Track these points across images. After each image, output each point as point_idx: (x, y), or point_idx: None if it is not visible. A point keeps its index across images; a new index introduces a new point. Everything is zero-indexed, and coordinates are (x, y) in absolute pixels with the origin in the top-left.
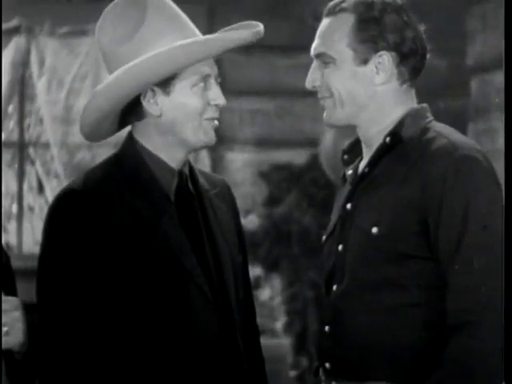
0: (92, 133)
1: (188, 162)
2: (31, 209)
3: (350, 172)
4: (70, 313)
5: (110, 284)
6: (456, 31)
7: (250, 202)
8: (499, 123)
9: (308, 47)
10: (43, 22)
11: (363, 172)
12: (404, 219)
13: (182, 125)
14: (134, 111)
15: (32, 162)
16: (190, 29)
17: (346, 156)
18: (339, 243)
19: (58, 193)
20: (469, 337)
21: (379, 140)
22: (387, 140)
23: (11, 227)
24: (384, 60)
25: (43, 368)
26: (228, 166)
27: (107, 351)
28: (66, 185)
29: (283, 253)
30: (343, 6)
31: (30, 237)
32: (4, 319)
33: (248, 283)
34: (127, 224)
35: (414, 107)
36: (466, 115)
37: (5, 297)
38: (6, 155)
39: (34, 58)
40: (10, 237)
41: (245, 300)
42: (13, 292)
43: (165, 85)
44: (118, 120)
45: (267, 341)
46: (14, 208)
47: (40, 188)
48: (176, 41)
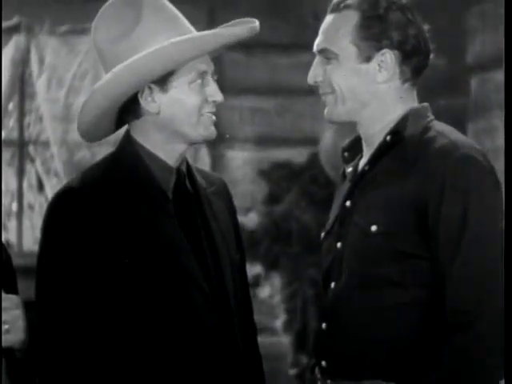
0: (89, 132)
1: (185, 160)
2: (31, 207)
3: (350, 170)
4: (69, 311)
5: (109, 282)
6: (456, 30)
7: (250, 200)
8: (499, 122)
9: (308, 46)
10: (43, 21)
11: (363, 170)
12: (403, 218)
13: (181, 121)
14: (132, 109)
15: (32, 160)
16: (186, 27)
17: (346, 153)
18: (338, 241)
19: (57, 192)
20: (467, 336)
21: (380, 138)
22: (388, 138)
23: (11, 225)
24: (387, 58)
25: (42, 366)
26: (228, 164)
27: (106, 349)
28: (65, 183)
29: (283, 251)
30: (348, 3)
31: (30, 235)
32: (4, 317)
33: (245, 281)
34: (125, 222)
35: (415, 106)
36: (466, 114)
37: (5, 295)
38: (6, 153)
39: (34, 57)
40: (10, 235)
41: (242, 298)
42: (13, 290)
43: (162, 82)
44: (115, 119)
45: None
46: (14, 206)
47: (40, 186)
48: (172, 38)
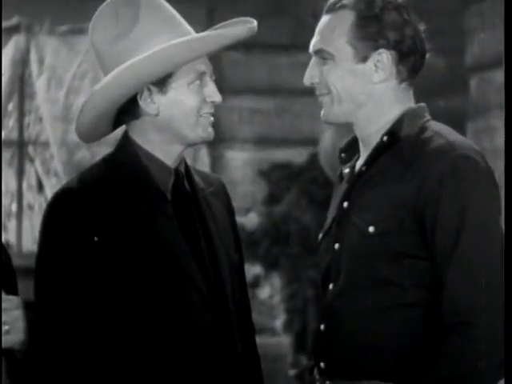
0: (87, 132)
1: (184, 161)
2: (31, 207)
3: (347, 170)
4: (68, 311)
5: (107, 283)
6: (455, 30)
7: (250, 201)
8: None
9: (308, 46)
10: (43, 21)
11: (360, 170)
12: (401, 218)
13: (180, 122)
14: (131, 110)
15: (31, 161)
16: (184, 27)
17: (344, 154)
18: (335, 242)
19: (55, 192)
20: (463, 337)
21: (376, 139)
22: (385, 139)
23: (11, 226)
24: (383, 58)
25: (41, 366)
26: (228, 165)
27: (105, 350)
28: (63, 184)
29: (283, 251)
30: (343, 3)
31: (30, 235)
32: (5, 318)
33: (244, 282)
34: (123, 224)
35: (412, 106)
36: (465, 114)
37: (6, 296)
38: (6, 154)
39: (34, 57)
40: (10, 235)
41: (241, 298)
42: (14, 291)
43: (161, 84)
44: (113, 120)
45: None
46: (14, 206)
47: (39, 186)
48: (170, 39)
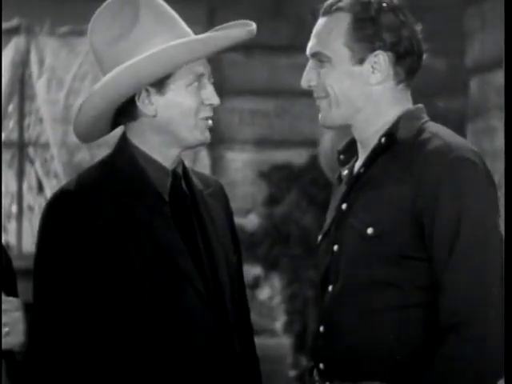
0: (85, 133)
1: (181, 162)
2: (31, 208)
3: (346, 172)
4: (66, 313)
5: (105, 284)
6: (455, 31)
7: (250, 202)
8: (498, 123)
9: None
10: (43, 22)
11: (358, 172)
12: (399, 220)
13: (178, 124)
14: (129, 111)
15: (32, 162)
16: (183, 28)
17: (342, 156)
18: (334, 243)
19: (53, 194)
20: (461, 338)
21: (375, 140)
22: (382, 141)
23: (11, 227)
24: (380, 59)
25: (39, 367)
26: (228, 166)
27: (103, 351)
28: (61, 186)
29: (283, 252)
30: (340, 6)
31: (30, 236)
32: (5, 319)
33: (242, 282)
34: (121, 225)
35: (410, 108)
36: (465, 115)
37: (6, 297)
38: (6, 155)
39: (34, 58)
40: (10, 236)
41: (239, 299)
42: (14, 293)
43: (159, 85)
44: (111, 121)
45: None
46: (14, 208)
47: (40, 188)
48: (169, 40)
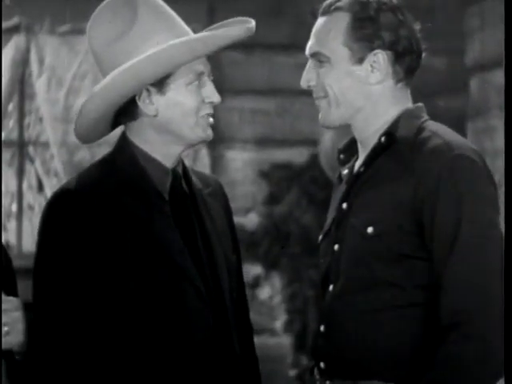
0: (86, 134)
1: (181, 162)
2: (31, 208)
3: (346, 171)
4: (66, 311)
5: (106, 283)
6: (455, 30)
7: (250, 201)
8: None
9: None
10: (43, 21)
11: (358, 171)
12: (399, 219)
13: (179, 123)
14: (129, 111)
15: (32, 161)
16: (182, 27)
17: (342, 155)
18: (335, 243)
19: (54, 193)
20: (461, 337)
21: (375, 140)
22: (382, 140)
23: (11, 226)
24: (379, 59)
25: (39, 367)
26: (228, 165)
27: (103, 350)
28: (61, 185)
29: (283, 251)
30: (338, 5)
31: (30, 236)
32: (4, 319)
33: (242, 282)
34: (122, 224)
35: (409, 107)
36: (465, 114)
37: (6, 297)
38: (6, 154)
39: (34, 57)
40: (10, 236)
41: (238, 299)
42: (14, 292)
43: (160, 84)
44: (112, 121)
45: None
46: (14, 207)
47: (40, 187)
48: (169, 39)
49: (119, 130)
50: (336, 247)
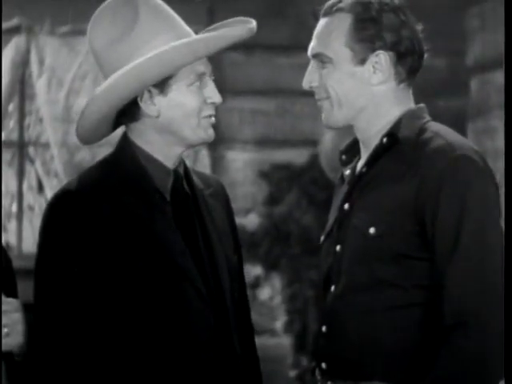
0: (87, 135)
1: (183, 162)
2: (31, 208)
3: (348, 172)
4: (67, 313)
5: (107, 284)
6: (455, 31)
7: (250, 202)
8: (499, 122)
9: (308, 47)
10: (43, 22)
11: (361, 172)
12: (401, 219)
13: (180, 124)
14: (131, 112)
15: (32, 162)
16: (183, 28)
17: (344, 156)
18: (337, 243)
19: (54, 194)
20: (464, 337)
21: (377, 140)
22: (384, 140)
23: (11, 227)
24: (381, 59)
25: (40, 368)
26: (228, 166)
27: (104, 351)
28: (62, 186)
29: (283, 252)
30: (340, 6)
31: (30, 236)
32: (4, 321)
33: (243, 283)
34: (123, 225)
35: (411, 108)
36: (466, 115)
37: (5, 298)
38: (6, 154)
39: (34, 58)
40: (10, 236)
41: (240, 299)
42: (14, 293)
43: (162, 85)
44: (113, 122)
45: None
46: (14, 207)
47: (40, 187)
48: (170, 41)
49: (120, 131)
50: (338, 248)
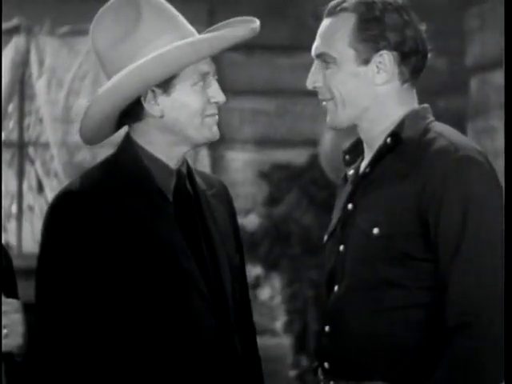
0: (90, 135)
1: (186, 162)
2: (31, 208)
3: (352, 172)
4: (69, 313)
5: (109, 285)
6: (455, 31)
7: (250, 202)
8: (498, 122)
9: (308, 47)
10: (43, 22)
11: (364, 172)
12: (405, 220)
13: (184, 124)
14: (134, 113)
15: (32, 162)
16: (186, 27)
17: (348, 156)
18: (340, 243)
19: (56, 194)
20: (468, 338)
21: (380, 140)
22: (388, 140)
23: (11, 227)
24: (385, 59)
25: (41, 368)
26: (228, 166)
27: (106, 351)
28: (65, 186)
29: (283, 252)
30: (344, 6)
31: (30, 236)
32: (4, 321)
33: (245, 283)
34: (125, 225)
35: (415, 108)
36: (466, 114)
37: (6, 299)
38: (6, 155)
39: (34, 58)
40: (10, 236)
41: (241, 300)
42: (14, 294)
43: (165, 85)
44: (116, 122)
45: (267, 340)
46: (14, 208)
47: (40, 188)
48: (173, 40)
49: (122, 132)
50: (341, 247)
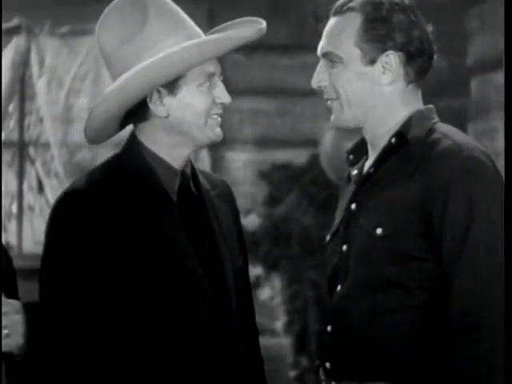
0: (94, 135)
1: (190, 163)
2: (31, 208)
3: (355, 172)
4: (73, 313)
5: (113, 285)
6: (456, 31)
7: (251, 202)
8: (499, 123)
9: (309, 47)
10: (43, 22)
11: (368, 172)
12: (408, 220)
13: (189, 124)
14: (140, 113)
15: (32, 162)
16: (193, 28)
17: (351, 156)
18: (343, 243)
19: (61, 194)
20: (472, 339)
21: (385, 141)
22: (393, 141)
23: (11, 227)
24: (391, 60)
25: (44, 368)
26: (228, 166)
27: (109, 351)
28: (68, 185)
29: (283, 252)
30: (351, 6)
31: (30, 236)
32: (5, 322)
33: (248, 284)
34: (129, 225)
35: (420, 108)
36: (466, 115)
37: (6, 299)
38: (6, 155)
39: (34, 58)
40: (10, 236)
41: (244, 301)
42: (14, 294)
43: (171, 86)
44: (121, 122)
45: (267, 340)
46: (14, 208)
47: (40, 188)
48: (180, 41)
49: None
50: (344, 247)
